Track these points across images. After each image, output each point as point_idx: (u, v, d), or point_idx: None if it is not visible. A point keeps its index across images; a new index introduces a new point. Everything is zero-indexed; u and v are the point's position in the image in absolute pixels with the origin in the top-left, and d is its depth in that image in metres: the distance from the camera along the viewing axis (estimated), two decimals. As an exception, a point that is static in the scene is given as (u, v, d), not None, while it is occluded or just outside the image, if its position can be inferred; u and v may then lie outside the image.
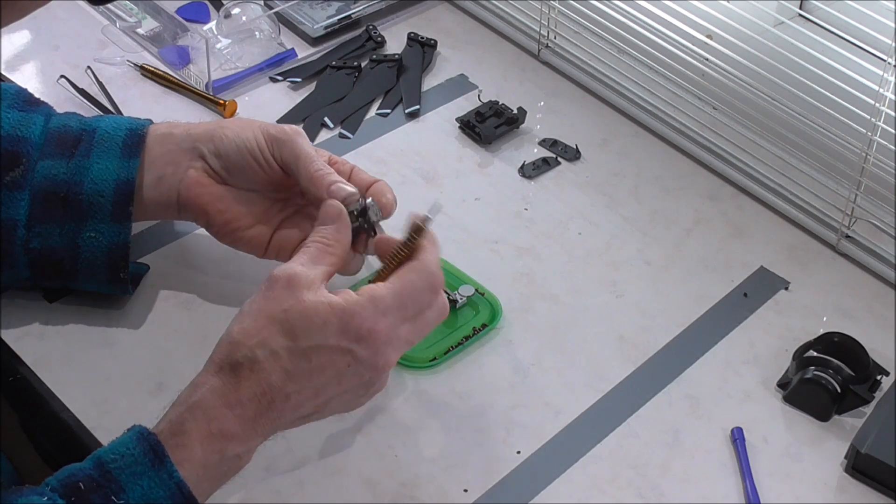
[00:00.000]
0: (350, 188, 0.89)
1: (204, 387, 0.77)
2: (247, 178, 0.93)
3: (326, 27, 1.28)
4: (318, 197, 0.89)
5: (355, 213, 0.88)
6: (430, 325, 0.83)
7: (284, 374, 0.77)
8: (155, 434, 0.75)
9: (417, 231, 0.82)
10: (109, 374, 0.93)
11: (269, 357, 0.77)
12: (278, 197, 0.95)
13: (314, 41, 1.28)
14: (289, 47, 1.26)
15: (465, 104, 1.21)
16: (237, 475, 0.79)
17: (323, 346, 0.77)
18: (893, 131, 1.01)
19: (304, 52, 1.26)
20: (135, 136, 0.93)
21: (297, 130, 0.92)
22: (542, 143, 1.17)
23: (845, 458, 0.90)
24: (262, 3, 1.26)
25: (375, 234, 0.89)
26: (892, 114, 1.01)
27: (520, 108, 1.18)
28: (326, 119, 1.18)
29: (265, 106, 1.19)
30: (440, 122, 1.19)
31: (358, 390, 0.81)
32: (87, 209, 0.91)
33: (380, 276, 0.83)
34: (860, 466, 0.89)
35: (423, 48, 1.27)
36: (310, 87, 1.22)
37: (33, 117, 0.94)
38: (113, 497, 0.72)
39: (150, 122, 0.96)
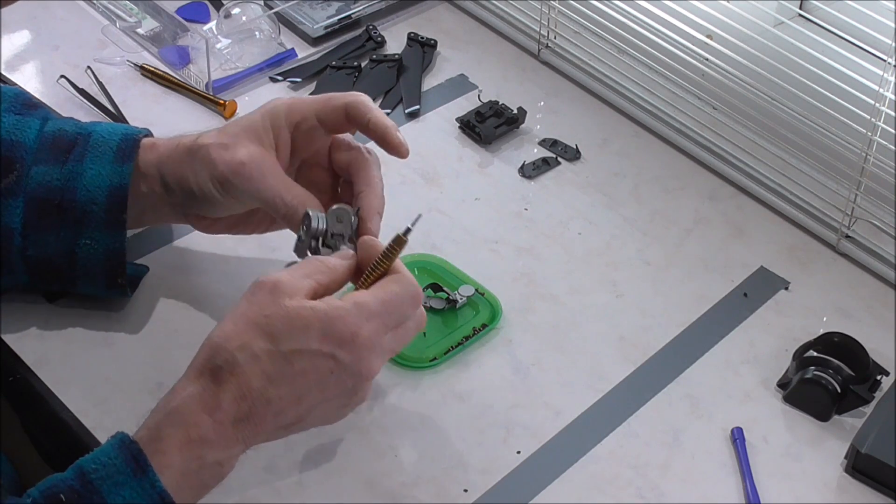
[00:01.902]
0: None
1: (183, 392, 0.76)
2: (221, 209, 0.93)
3: (326, 27, 1.28)
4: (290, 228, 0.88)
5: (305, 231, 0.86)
6: (410, 336, 0.82)
7: (265, 377, 0.76)
8: (136, 442, 0.74)
9: (398, 243, 0.81)
10: (109, 374, 0.93)
11: (249, 360, 0.76)
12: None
13: (314, 41, 1.28)
14: (289, 47, 1.26)
15: (465, 104, 1.21)
16: (231, 479, 0.78)
17: (305, 349, 0.76)
18: (893, 131, 1.01)
19: (304, 52, 1.26)
20: (129, 141, 0.92)
21: (239, 173, 0.88)
22: (542, 143, 1.17)
23: (845, 458, 0.90)
24: (262, 3, 1.26)
25: (337, 247, 0.86)
26: (892, 114, 1.01)
27: (520, 108, 1.18)
28: (326, 119, 1.18)
29: (265, 106, 1.19)
30: (440, 122, 1.19)
31: (340, 399, 0.79)
32: (81, 217, 0.90)
33: (360, 286, 0.81)
34: (860, 466, 0.89)
35: (423, 48, 1.27)
36: (310, 87, 1.22)
37: (29, 121, 0.93)
38: None
39: (148, 131, 0.95)
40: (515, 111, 1.18)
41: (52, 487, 0.72)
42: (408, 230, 0.81)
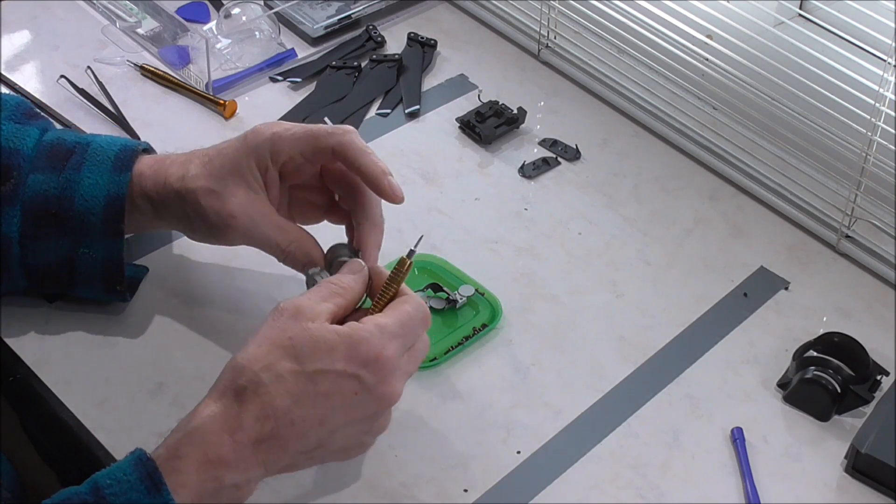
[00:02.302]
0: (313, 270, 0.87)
1: (204, 412, 0.75)
2: None
3: (326, 27, 1.28)
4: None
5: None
6: (420, 358, 0.82)
7: (290, 397, 0.75)
8: (153, 459, 0.73)
9: (403, 265, 0.82)
10: (109, 374, 0.93)
11: (274, 380, 0.75)
12: None
13: (314, 41, 1.28)
14: (289, 47, 1.26)
15: (465, 104, 1.21)
16: None
17: (330, 370, 0.76)
18: (893, 131, 1.01)
19: (304, 52, 1.26)
20: (128, 151, 0.92)
21: (233, 228, 0.88)
22: (542, 143, 1.17)
23: (845, 458, 0.90)
24: (262, 3, 1.26)
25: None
26: (892, 114, 1.01)
27: (520, 108, 1.18)
28: (326, 119, 1.18)
29: (265, 106, 1.19)
30: (440, 122, 1.19)
31: (362, 425, 0.79)
32: (79, 226, 0.90)
33: (374, 309, 0.82)
34: (860, 466, 0.89)
35: (423, 48, 1.27)
36: (310, 87, 1.22)
37: (28, 130, 0.93)
38: None
39: (147, 144, 0.95)
40: (515, 111, 1.18)
41: (67, 500, 0.72)
42: (411, 252, 0.83)
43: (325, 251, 0.90)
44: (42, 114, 0.98)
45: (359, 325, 0.78)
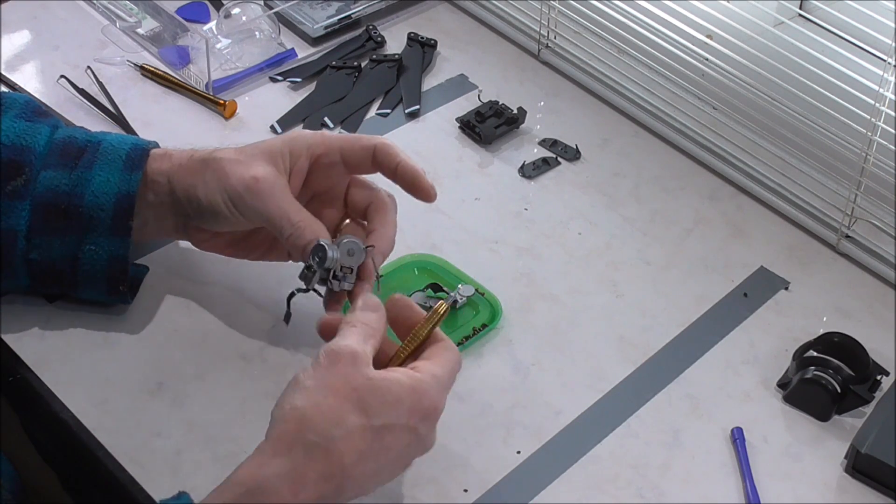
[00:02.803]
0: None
1: (269, 469, 0.73)
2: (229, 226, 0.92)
3: (326, 27, 1.28)
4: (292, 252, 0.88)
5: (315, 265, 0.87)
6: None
7: (357, 454, 0.74)
8: None
9: (440, 310, 0.83)
10: (109, 374, 0.93)
11: (345, 437, 0.74)
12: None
13: (314, 41, 1.28)
14: (289, 47, 1.26)
15: (465, 104, 1.21)
16: None
17: (396, 424, 0.76)
18: (893, 131, 1.01)
19: (304, 52, 1.26)
20: (139, 150, 0.92)
21: (253, 189, 0.87)
22: (542, 143, 1.17)
23: (845, 458, 0.90)
24: (262, 3, 1.26)
25: (344, 280, 0.87)
26: (892, 114, 1.01)
27: (520, 108, 1.18)
28: (326, 119, 1.18)
29: (265, 106, 1.19)
30: (440, 122, 1.19)
31: (400, 471, 0.80)
32: (88, 222, 0.90)
33: (404, 350, 0.82)
34: (860, 466, 0.89)
35: (423, 48, 1.27)
36: (310, 87, 1.22)
37: (39, 127, 0.93)
38: None
39: (157, 143, 0.95)
40: (515, 111, 1.18)
41: None
42: (455, 301, 0.86)
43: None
44: (51, 112, 0.98)
45: (417, 375, 0.78)
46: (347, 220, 0.94)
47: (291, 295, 0.90)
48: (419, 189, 0.90)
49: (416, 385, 0.77)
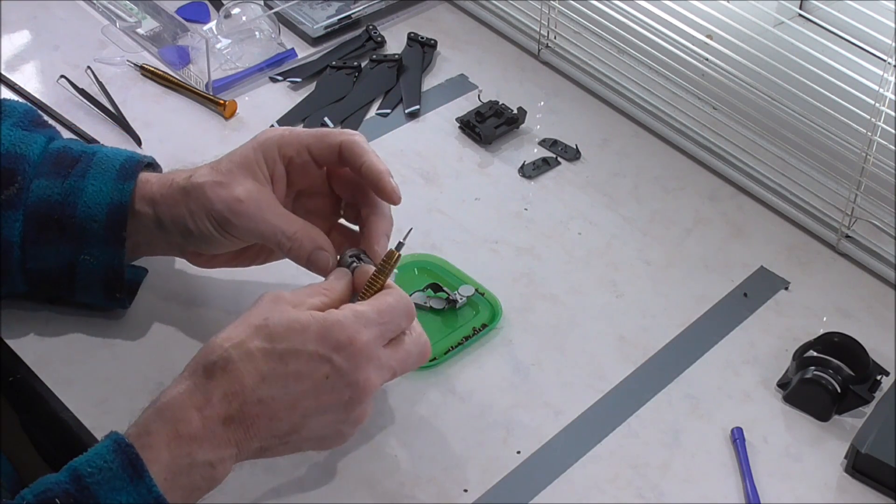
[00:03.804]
0: (324, 259, 0.86)
1: (173, 390, 0.76)
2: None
3: (326, 27, 1.28)
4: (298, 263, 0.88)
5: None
6: (411, 356, 0.82)
7: (258, 375, 0.76)
8: (132, 445, 0.73)
9: (391, 258, 0.83)
10: (109, 374, 0.93)
11: (243, 357, 0.76)
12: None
13: (314, 41, 1.28)
14: (289, 47, 1.26)
15: (465, 104, 1.21)
16: (231, 478, 0.77)
17: (301, 350, 0.77)
18: (893, 131, 1.01)
19: (304, 52, 1.26)
20: (133, 162, 0.92)
21: (237, 211, 0.86)
22: (542, 143, 1.17)
23: (845, 458, 0.90)
24: (262, 3, 1.26)
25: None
26: (892, 114, 1.01)
27: (520, 108, 1.18)
28: (326, 119, 1.18)
29: (265, 106, 1.19)
30: (440, 122, 1.19)
31: (338, 412, 0.79)
32: (81, 233, 0.90)
33: (360, 299, 0.83)
34: (860, 466, 0.89)
35: (423, 48, 1.27)
36: (310, 87, 1.22)
37: (35, 137, 0.93)
38: None
39: (152, 158, 0.95)
40: (515, 111, 1.18)
41: (47, 491, 0.72)
42: (400, 245, 0.83)
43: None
44: (49, 122, 0.98)
45: (335, 310, 0.79)
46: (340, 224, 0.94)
47: None
48: (382, 191, 0.88)
49: (328, 316, 0.78)
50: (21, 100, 1.15)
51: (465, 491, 0.87)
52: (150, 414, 0.76)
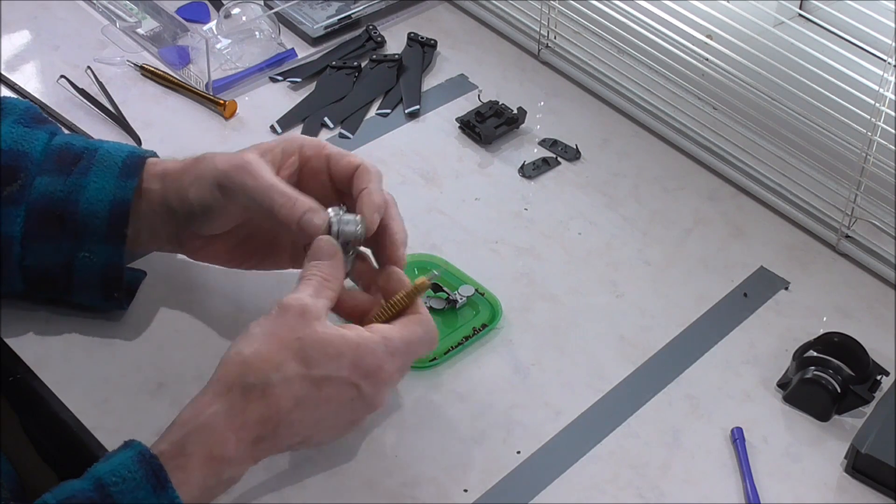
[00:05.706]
0: (319, 219, 0.85)
1: (209, 409, 0.76)
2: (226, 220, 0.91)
3: (326, 27, 1.28)
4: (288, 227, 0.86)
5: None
6: (418, 354, 0.84)
7: (294, 400, 0.77)
8: (157, 457, 0.74)
9: (422, 287, 0.84)
10: (109, 374, 0.93)
11: (282, 382, 0.77)
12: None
13: (314, 41, 1.28)
14: (289, 47, 1.26)
15: (465, 104, 1.21)
16: None
17: (335, 377, 0.78)
18: (893, 131, 1.01)
19: (304, 52, 1.26)
20: (135, 158, 0.92)
21: (241, 167, 0.86)
22: (542, 143, 1.17)
23: (845, 458, 0.90)
24: (262, 3, 1.26)
25: (352, 252, 0.86)
26: (892, 114, 1.01)
27: (520, 108, 1.18)
28: (326, 119, 1.18)
29: (265, 106, 1.19)
30: (440, 122, 1.19)
31: (347, 427, 0.83)
32: (82, 229, 0.90)
33: (379, 317, 0.84)
34: (860, 466, 0.89)
35: (423, 48, 1.27)
36: (310, 87, 1.22)
37: (37, 133, 0.93)
38: None
39: (154, 152, 0.95)
40: (515, 111, 1.18)
41: (71, 498, 0.72)
42: (433, 275, 0.85)
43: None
44: (50, 119, 0.98)
45: (366, 333, 0.80)
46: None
47: None
48: (367, 216, 0.86)
49: (361, 342, 0.79)
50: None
51: (465, 491, 0.87)
52: (185, 434, 0.76)
